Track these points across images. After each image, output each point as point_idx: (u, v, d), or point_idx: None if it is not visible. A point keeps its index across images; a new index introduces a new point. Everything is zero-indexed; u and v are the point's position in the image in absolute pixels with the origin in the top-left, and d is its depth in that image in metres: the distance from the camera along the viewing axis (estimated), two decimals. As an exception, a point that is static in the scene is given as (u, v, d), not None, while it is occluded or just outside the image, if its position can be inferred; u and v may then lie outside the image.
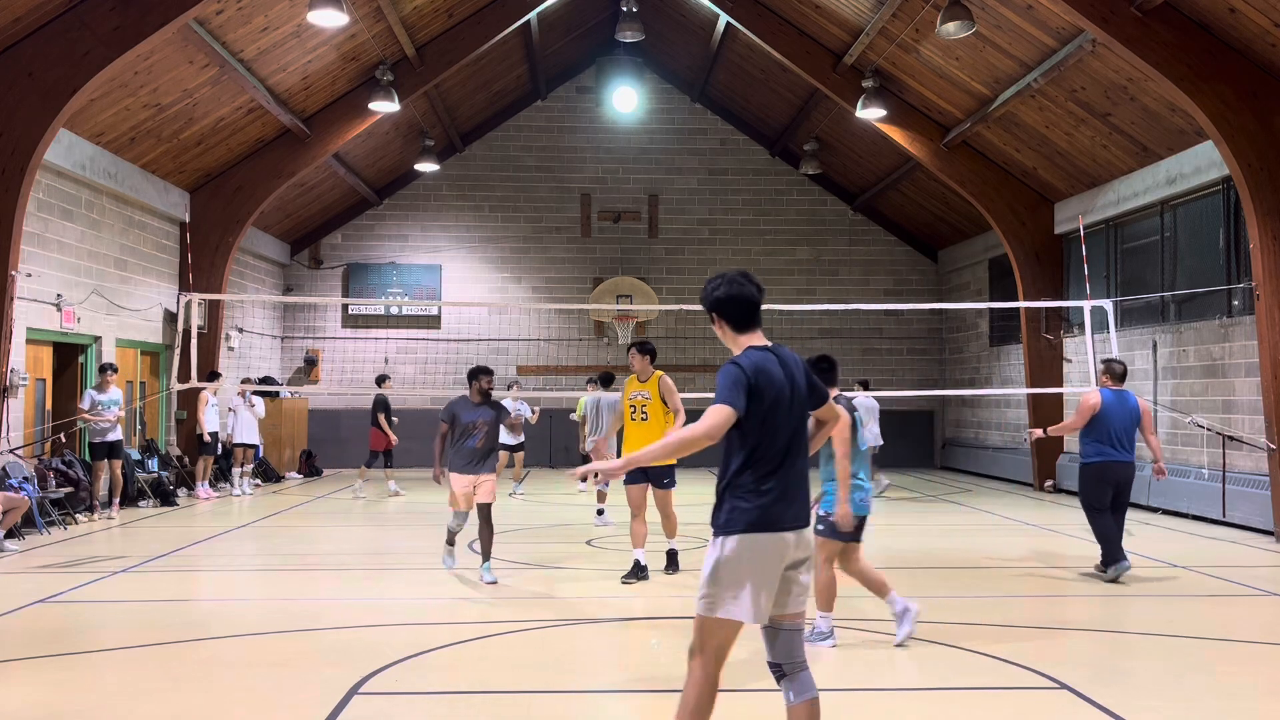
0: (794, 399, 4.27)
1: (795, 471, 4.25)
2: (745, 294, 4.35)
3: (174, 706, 5.82)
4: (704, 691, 4.17)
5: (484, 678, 6.57)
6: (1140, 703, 5.89)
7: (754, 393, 4.14)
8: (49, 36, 12.15)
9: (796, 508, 4.23)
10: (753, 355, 4.25)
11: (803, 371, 4.38)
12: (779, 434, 4.20)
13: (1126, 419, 9.87)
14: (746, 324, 4.38)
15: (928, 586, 9.67)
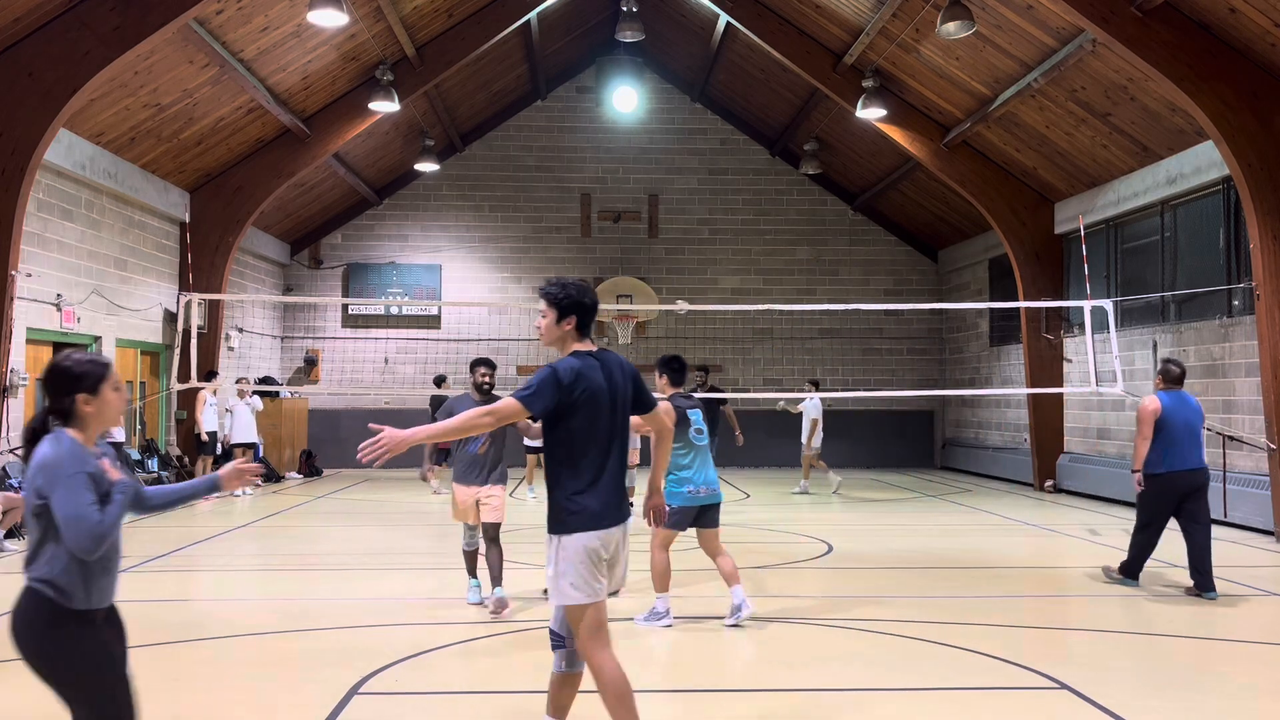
0: (615, 403, 4.59)
1: (614, 471, 4.59)
2: (596, 305, 4.73)
3: (174, 706, 5.82)
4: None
5: (484, 678, 6.57)
6: (1140, 703, 5.89)
7: (565, 396, 4.46)
8: (49, 36, 12.15)
9: (615, 505, 4.58)
10: (572, 361, 4.57)
11: (628, 377, 4.70)
12: (598, 436, 4.53)
13: (1191, 421, 9.23)
14: (587, 331, 4.73)
15: (928, 586, 9.68)
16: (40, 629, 3.39)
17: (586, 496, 4.51)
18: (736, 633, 7.65)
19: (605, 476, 4.55)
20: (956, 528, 13.99)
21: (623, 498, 4.65)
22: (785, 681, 6.37)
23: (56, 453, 3.41)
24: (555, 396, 4.43)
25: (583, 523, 4.50)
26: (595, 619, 4.56)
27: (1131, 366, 16.24)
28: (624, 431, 4.64)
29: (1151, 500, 9.15)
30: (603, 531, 4.53)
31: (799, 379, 24.08)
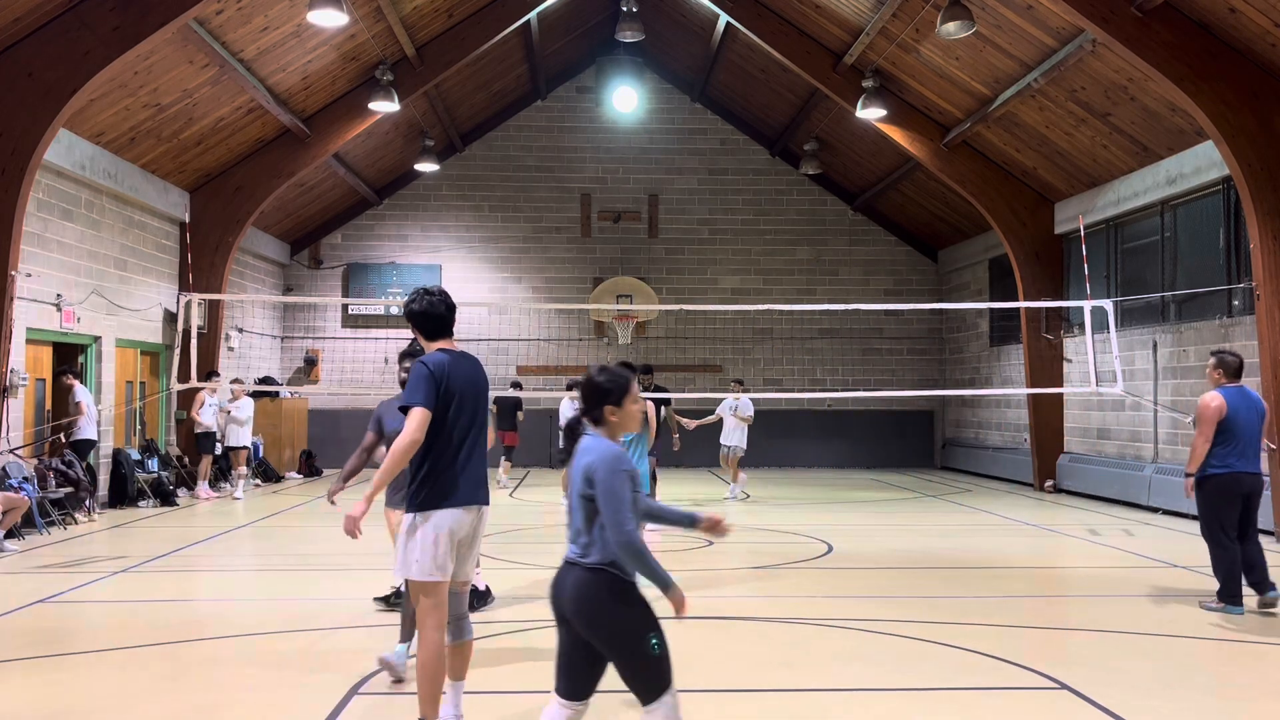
0: (478, 395, 5.13)
1: (476, 456, 5.08)
2: (435, 310, 5.44)
3: (174, 706, 5.82)
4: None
5: (484, 678, 6.57)
6: (1140, 703, 5.89)
7: (441, 389, 4.98)
8: (49, 36, 12.15)
9: (474, 489, 5.02)
10: (438, 356, 5.17)
11: (481, 372, 5.27)
12: (460, 424, 5.01)
13: (1255, 421, 8.29)
14: (437, 333, 5.35)
15: (928, 586, 9.68)
16: (614, 603, 3.99)
17: (443, 477, 5.00)
18: (737, 633, 7.65)
19: (465, 457, 5.09)
20: (956, 528, 13.99)
21: (483, 483, 5.12)
22: (785, 681, 6.37)
23: (610, 453, 4.05)
24: (437, 388, 5.08)
25: (441, 501, 4.99)
26: (441, 600, 4.99)
27: (1131, 366, 16.24)
28: (481, 418, 5.22)
29: (1216, 504, 8.26)
30: (456, 510, 4.97)
31: (799, 379, 24.10)
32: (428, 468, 4.95)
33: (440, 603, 4.95)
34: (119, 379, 16.32)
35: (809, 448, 23.96)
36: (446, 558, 4.91)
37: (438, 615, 4.95)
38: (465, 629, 5.18)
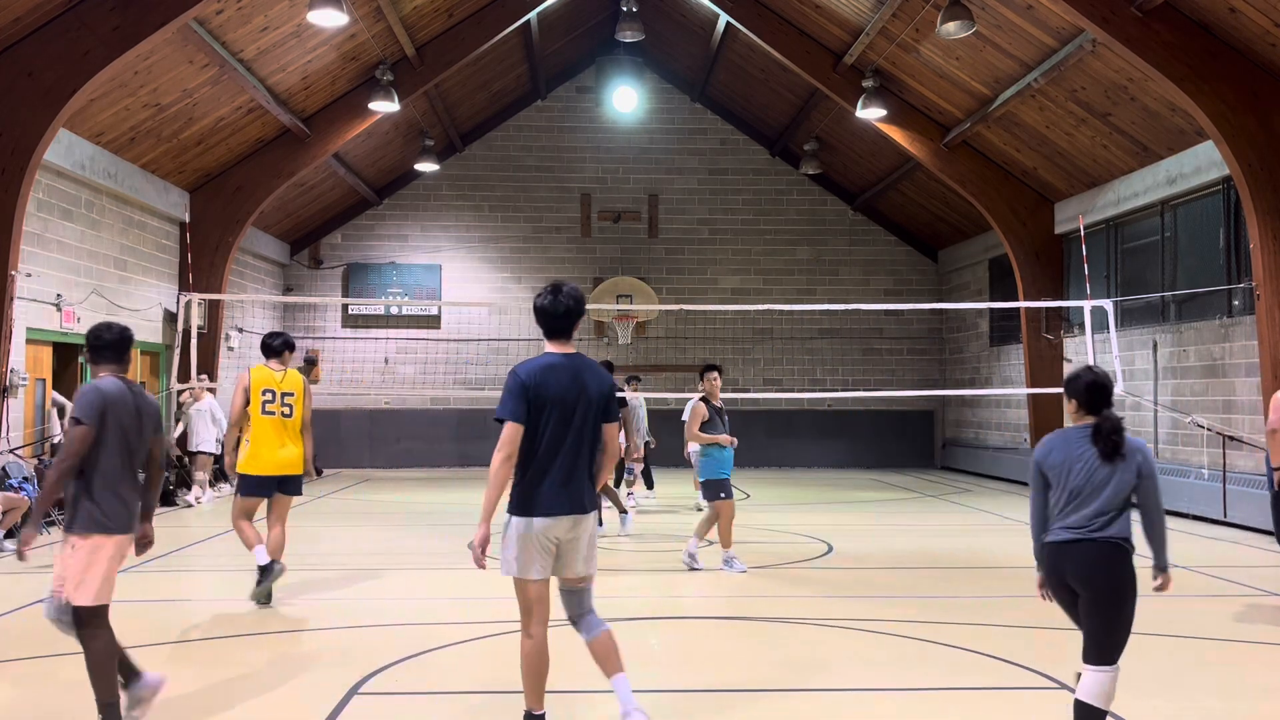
0: (578, 402, 5.08)
1: (568, 465, 5.01)
2: (554, 308, 5.28)
3: (174, 706, 5.81)
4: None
5: (484, 678, 6.57)
6: (1141, 703, 5.89)
7: (530, 398, 4.97)
8: (49, 36, 12.15)
9: (564, 498, 4.98)
10: (532, 364, 5.13)
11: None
12: (551, 433, 4.96)
13: None
14: (551, 334, 5.26)
15: (928, 586, 9.68)
16: (1130, 573, 4.62)
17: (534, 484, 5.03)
18: (737, 633, 7.65)
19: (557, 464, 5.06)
20: (956, 528, 13.99)
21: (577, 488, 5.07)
22: (785, 681, 6.37)
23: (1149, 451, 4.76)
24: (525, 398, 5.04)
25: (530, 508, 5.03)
26: (536, 598, 5.10)
27: (1131, 366, 16.24)
28: (586, 423, 5.15)
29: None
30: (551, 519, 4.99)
31: (799, 379, 24.10)
32: (518, 475, 4.99)
33: (529, 600, 5.05)
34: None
35: (809, 448, 23.96)
36: (532, 561, 4.97)
37: (527, 613, 5.08)
38: (590, 625, 5.15)
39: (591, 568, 5.15)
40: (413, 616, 8.17)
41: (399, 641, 7.23)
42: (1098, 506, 4.63)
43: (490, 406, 24.41)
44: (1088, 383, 4.73)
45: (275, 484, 8.55)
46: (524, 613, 5.11)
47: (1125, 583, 4.60)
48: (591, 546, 5.14)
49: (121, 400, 5.16)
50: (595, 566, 5.19)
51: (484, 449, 19.68)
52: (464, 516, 14.67)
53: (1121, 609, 4.59)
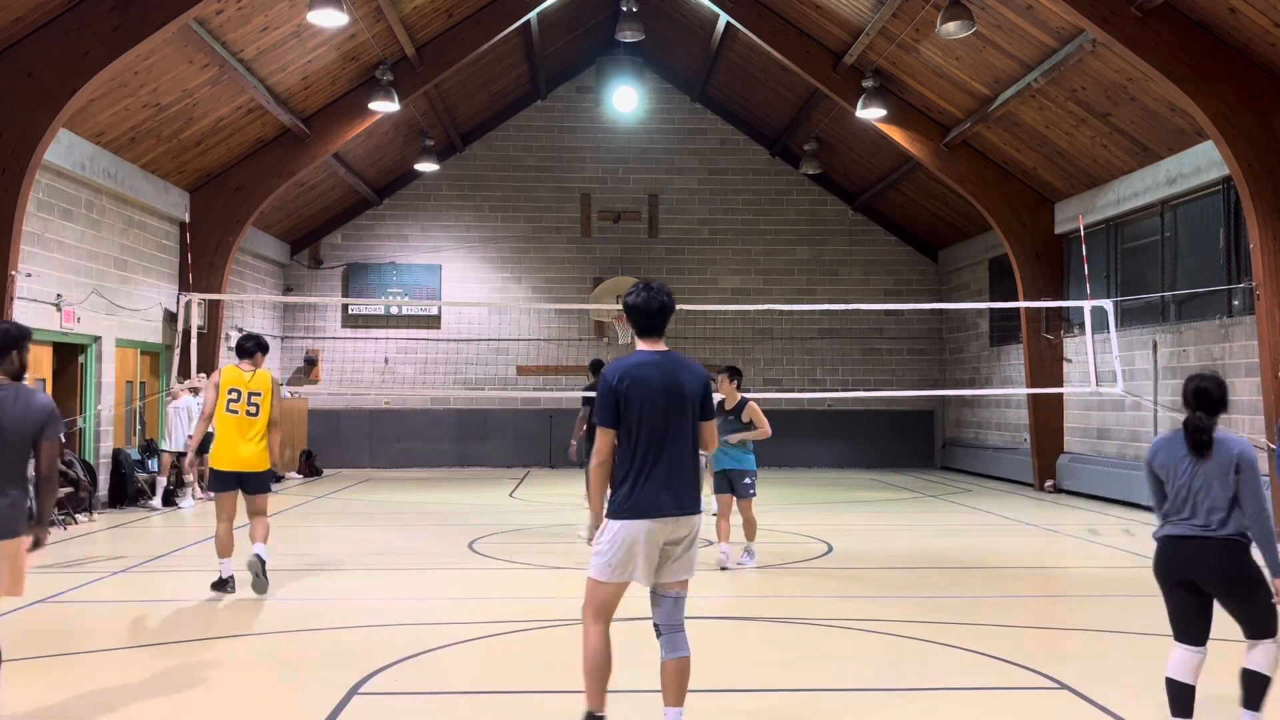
0: (671, 402, 4.89)
1: (665, 466, 4.87)
2: (647, 305, 4.99)
3: (174, 706, 5.82)
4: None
5: (484, 678, 6.57)
6: (1140, 703, 5.89)
7: (620, 401, 4.87)
8: (49, 36, 12.14)
9: (660, 501, 4.84)
10: (621, 364, 4.96)
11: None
12: (643, 434, 4.85)
13: None
14: (644, 331, 5.03)
15: (928, 586, 9.68)
16: (1252, 564, 4.91)
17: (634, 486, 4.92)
18: (737, 633, 7.65)
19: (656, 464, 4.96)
20: (956, 528, 14.00)
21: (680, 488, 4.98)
22: (785, 681, 6.37)
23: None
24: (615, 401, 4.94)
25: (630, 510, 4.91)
26: (610, 600, 5.03)
27: (1131, 366, 16.24)
28: (682, 422, 5.00)
29: None
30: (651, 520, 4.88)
31: (799, 379, 24.10)
32: (616, 478, 4.92)
33: (600, 601, 4.96)
34: (119, 379, 16.31)
35: (809, 448, 23.95)
36: (625, 564, 4.85)
37: (595, 613, 4.96)
38: (674, 644, 4.90)
39: (687, 573, 4.96)
40: (413, 616, 8.18)
41: (399, 641, 7.23)
42: (1209, 504, 4.94)
43: (490, 407, 24.49)
44: (1194, 388, 5.07)
45: (236, 480, 8.88)
46: (591, 611, 4.98)
47: (1249, 574, 4.92)
48: (691, 550, 4.96)
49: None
50: (692, 572, 5.00)
51: (484, 449, 19.77)
52: (464, 517, 14.67)
53: (1255, 596, 4.91)
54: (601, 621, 4.95)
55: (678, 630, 4.93)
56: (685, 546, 4.94)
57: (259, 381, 8.88)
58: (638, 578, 4.88)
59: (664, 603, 4.95)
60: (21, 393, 5.24)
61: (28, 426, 5.16)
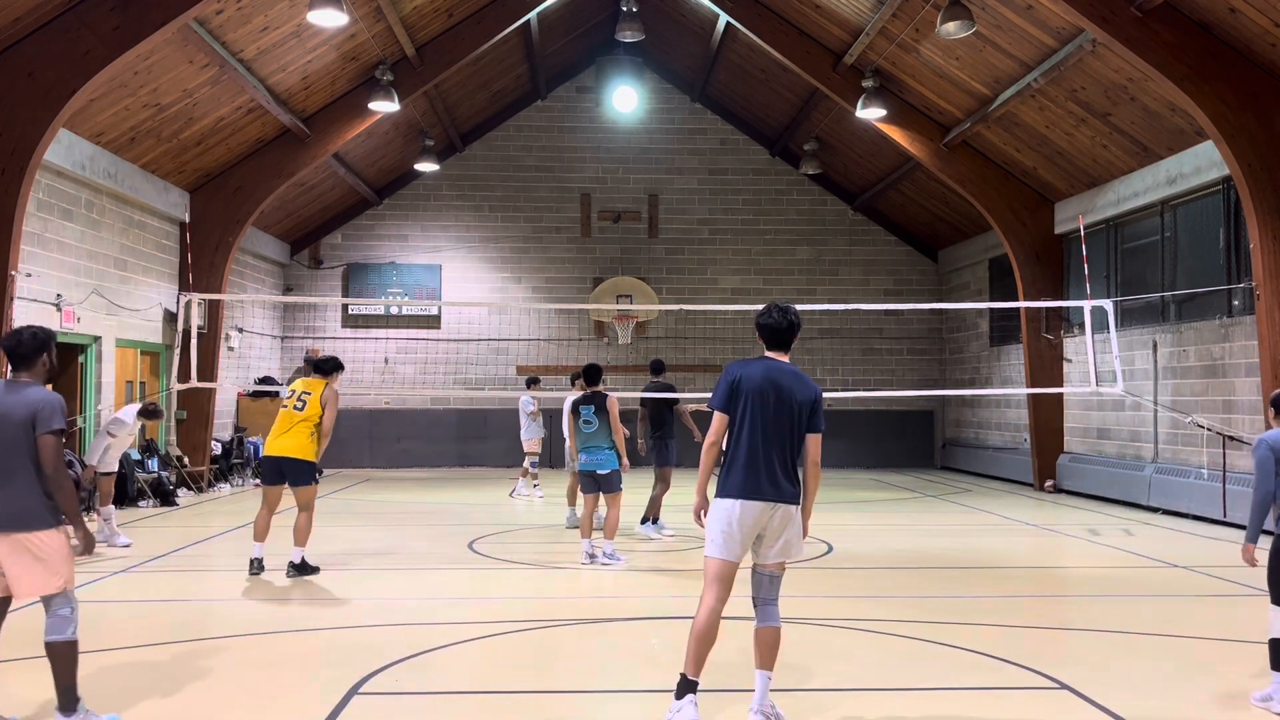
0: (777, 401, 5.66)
1: (764, 455, 5.55)
2: (776, 324, 5.80)
3: (174, 706, 5.82)
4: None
5: (484, 678, 6.58)
6: (1140, 703, 5.89)
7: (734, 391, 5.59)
8: (49, 36, 12.15)
9: (754, 485, 5.46)
10: (740, 363, 5.75)
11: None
12: (746, 424, 5.54)
13: None
14: (769, 344, 5.81)
15: (928, 586, 9.68)
16: None
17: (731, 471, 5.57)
18: (737, 633, 7.64)
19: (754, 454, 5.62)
20: (956, 528, 14.00)
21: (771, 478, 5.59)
22: (785, 681, 6.37)
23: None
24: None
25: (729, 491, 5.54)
26: (718, 575, 5.52)
27: (1131, 366, 16.24)
28: (782, 420, 5.73)
29: None
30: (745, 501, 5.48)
31: (799, 379, 24.04)
32: (725, 460, 5.57)
33: (712, 577, 5.45)
34: (119, 379, 16.31)
35: (809, 448, 23.92)
36: (726, 541, 5.42)
37: (710, 588, 5.44)
38: (766, 615, 5.48)
39: (781, 556, 5.48)
40: (413, 616, 8.18)
41: (399, 641, 7.23)
42: None
43: (489, 406, 24.44)
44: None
45: (278, 470, 9.95)
46: (704, 584, 5.50)
47: None
48: (783, 537, 5.48)
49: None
50: (790, 556, 5.52)
51: (484, 449, 19.76)
52: (464, 517, 14.68)
53: None
54: (712, 597, 5.46)
55: (769, 603, 5.50)
56: (776, 533, 5.47)
57: (313, 385, 10.16)
58: (727, 554, 5.45)
59: (756, 578, 5.55)
60: (23, 387, 5.31)
61: (19, 415, 5.19)
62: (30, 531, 5.22)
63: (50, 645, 5.30)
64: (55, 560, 5.27)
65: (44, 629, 5.32)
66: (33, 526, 5.22)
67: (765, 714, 5.38)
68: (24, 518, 5.21)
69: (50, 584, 5.29)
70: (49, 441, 5.23)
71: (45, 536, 5.25)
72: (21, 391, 5.30)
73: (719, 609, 5.41)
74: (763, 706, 5.39)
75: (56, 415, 5.27)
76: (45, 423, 5.22)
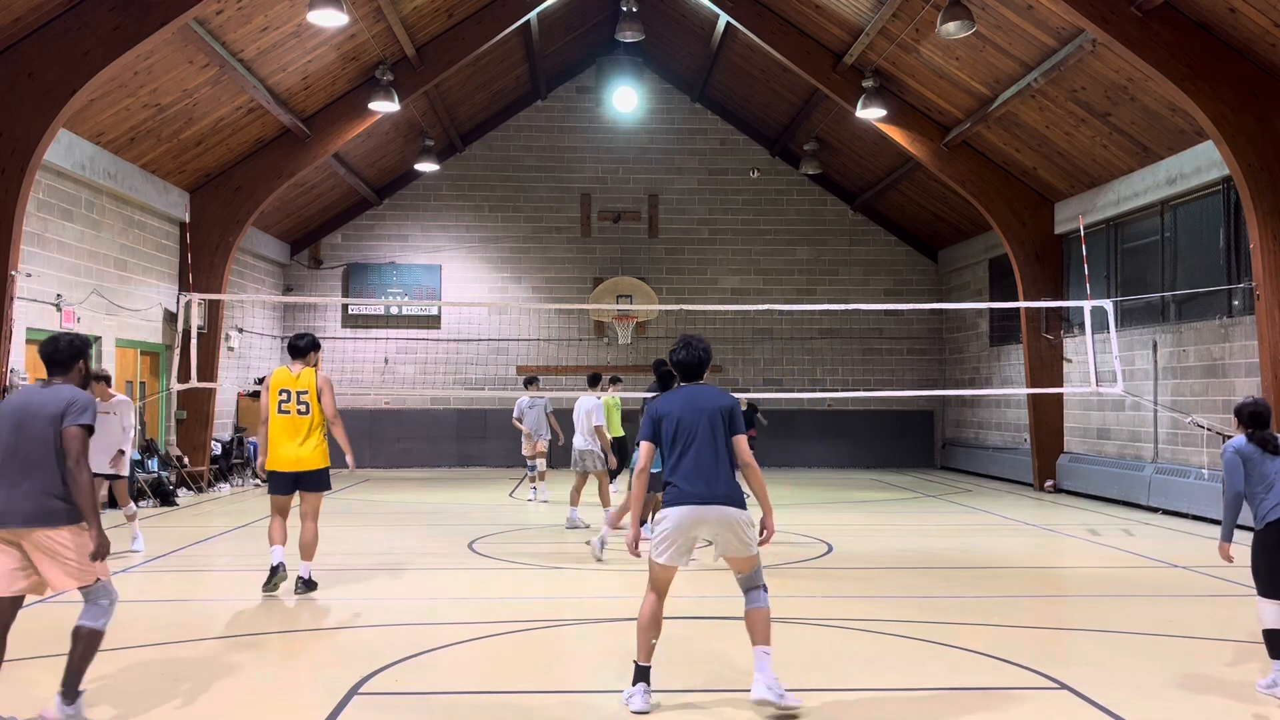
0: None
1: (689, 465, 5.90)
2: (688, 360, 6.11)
3: (174, 706, 5.82)
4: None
5: (484, 678, 6.58)
6: (1140, 703, 5.90)
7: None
8: (49, 36, 12.15)
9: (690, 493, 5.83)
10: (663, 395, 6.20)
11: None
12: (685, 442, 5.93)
13: None
14: (685, 377, 6.13)
15: (928, 586, 9.68)
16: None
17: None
18: (737, 633, 7.64)
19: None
20: (956, 528, 14.00)
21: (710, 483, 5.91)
22: (785, 681, 6.36)
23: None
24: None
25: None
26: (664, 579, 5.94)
27: (1131, 366, 16.24)
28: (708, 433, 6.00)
29: None
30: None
31: (799, 379, 24.10)
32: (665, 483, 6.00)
33: (652, 578, 5.89)
34: (119, 379, 16.31)
35: (809, 448, 23.96)
36: (669, 547, 5.83)
37: (653, 589, 5.88)
38: (750, 599, 5.88)
39: (735, 551, 5.84)
40: (413, 616, 8.18)
41: (399, 641, 7.23)
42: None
43: (489, 407, 24.45)
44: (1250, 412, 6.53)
45: (293, 481, 9.08)
46: (648, 587, 5.92)
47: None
48: (729, 533, 5.82)
49: (6, 405, 5.43)
50: (743, 552, 5.84)
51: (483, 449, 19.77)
52: (463, 517, 14.68)
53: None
54: (653, 593, 5.89)
55: (753, 589, 5.88)
56: (721, 530, 5.80)
57: (305, 380, 9.21)
58: (677, 560, 5.85)
59: (737, 577, 5.98)
60: (61, 388, 5.44)
61: (50, 410, 5.30)
62: (54, 528, 5.28)
63: (79, 629, 5.36)
64: (82, 557, 5.32)
65: (81, 613, 5.38)
66: (57, 523, 5.28)
67: (769, 686, 5.60)
68: (48, 514, 5.27)
69: (83, 577, 5.36)
70: (74, 432, 5.30)
71: (68, 533, 5.31)
72: (55, 390, 5.43)
73: (660, 606, 5.83)
74: (766, 680, 5.63)
75: (87, 411, 5.36)
76: (75, 416, 5.31)
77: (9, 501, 5.26)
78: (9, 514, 5.27)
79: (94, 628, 5.37)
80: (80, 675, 5.38)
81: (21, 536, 5.30)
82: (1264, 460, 6.62)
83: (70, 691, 5.37)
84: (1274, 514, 6.42)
